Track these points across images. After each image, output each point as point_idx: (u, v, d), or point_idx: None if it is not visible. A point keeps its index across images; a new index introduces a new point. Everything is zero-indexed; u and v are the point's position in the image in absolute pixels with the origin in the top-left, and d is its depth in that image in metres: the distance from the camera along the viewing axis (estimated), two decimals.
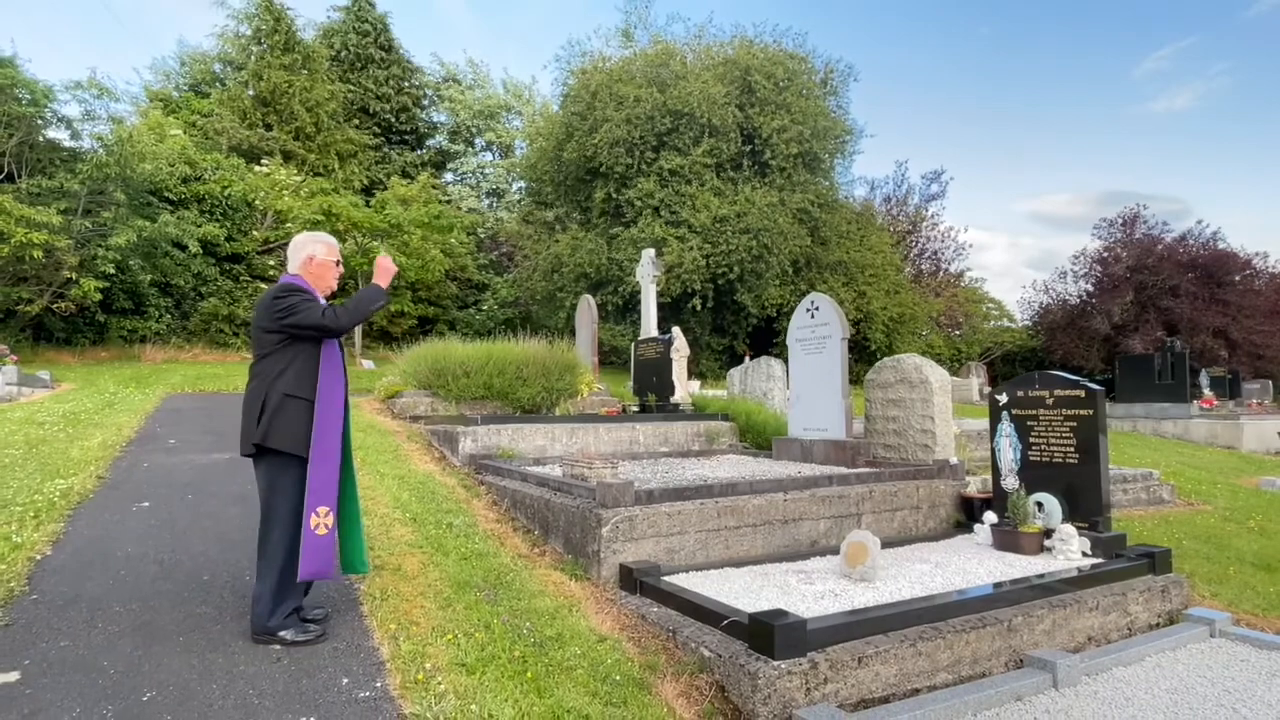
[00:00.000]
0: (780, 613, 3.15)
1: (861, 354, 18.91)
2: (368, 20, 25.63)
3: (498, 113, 27.56)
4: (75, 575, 3.95)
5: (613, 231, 16.79)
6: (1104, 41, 78.74)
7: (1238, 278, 28.46)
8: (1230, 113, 77.93)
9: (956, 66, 78.36)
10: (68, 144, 14.54)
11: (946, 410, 6.59)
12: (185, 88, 22.10)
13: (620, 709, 2.95)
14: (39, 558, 4.14)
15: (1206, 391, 19.14)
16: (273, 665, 3.07)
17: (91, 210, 13.53)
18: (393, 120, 25.78)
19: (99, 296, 13.34)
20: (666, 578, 4.08)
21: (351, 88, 24.29)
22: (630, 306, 16.58)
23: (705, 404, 9.37)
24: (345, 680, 3.01)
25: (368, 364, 15.03)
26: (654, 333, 11.01)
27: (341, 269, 3.66)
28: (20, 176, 13.49)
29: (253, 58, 20.60)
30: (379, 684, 3.01)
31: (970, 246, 38.96)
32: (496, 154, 27.39)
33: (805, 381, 7.05)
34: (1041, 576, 4.16)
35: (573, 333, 12.96)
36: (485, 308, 21.08)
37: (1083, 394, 4.83)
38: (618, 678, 3.18)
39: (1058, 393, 4.95)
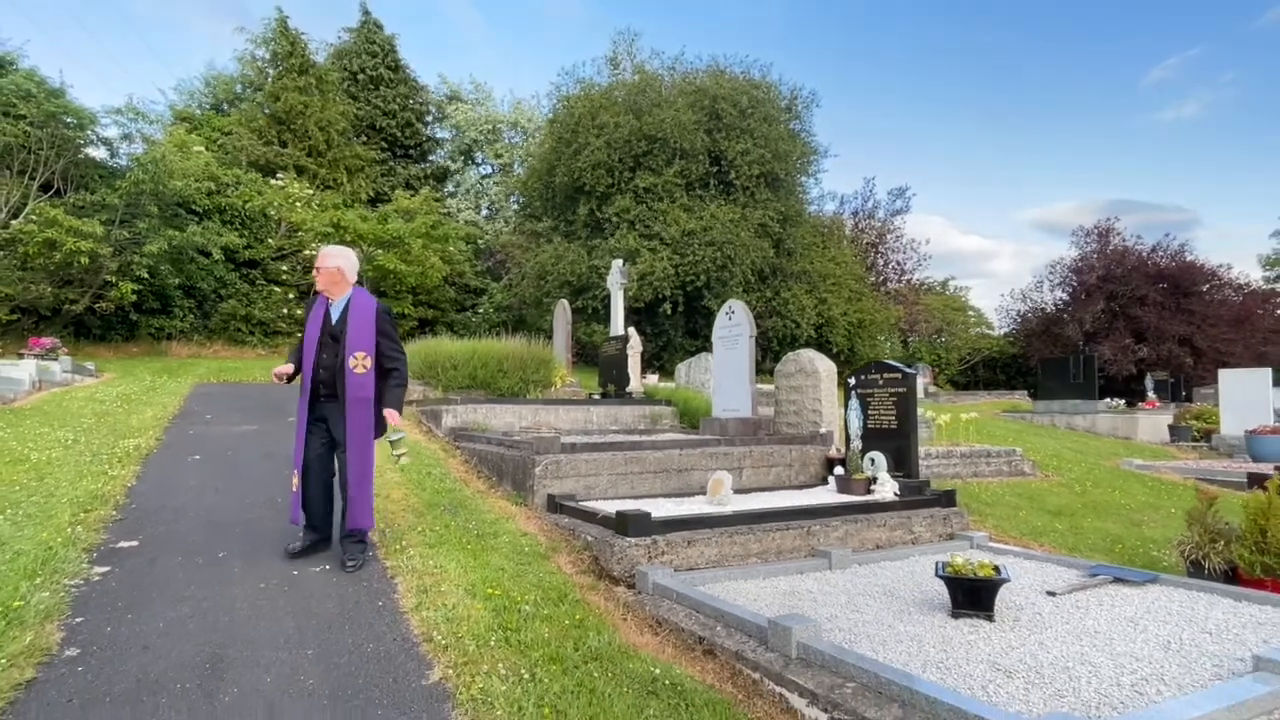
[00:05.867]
0: (635, 510, 4.76)
1: (826, 355, 20.54)
2: (376, 41, 27.41)
3: (499, 129, 29.28)
4: (157, 494, 5.59)
5: (593, 243, 18.48)
6: (1110, 51, 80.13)
7: (1205, 288, 29.85)
8: (1238, 122, 79.22)
9: (960, 77, 79.99)
10: (108, 162, 16.28)
11: (833, 395, 8.19)
12: (207, 107, 23.91)
13: (527, 566, 4.55)
14: (129, 485, 5.79)
15: (1150, 394, 20.66)
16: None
17: (127, 221, 15.22)
18: (398, 135, 27.51)
19: (134, 298, 15.04)
20: (580, 502, 5.68)
21: (361, 105, 26.05)
22: (608, 310, 18.21)
23: (655, 392, 10.98)
24: None
25: None
26: (622, 332, 12.61)
27: (317, 275, 4.47)
28: (66, 192, 15.22)
29: (270, 79, 22.38)
30: (370, 554, 4.62)
31: (930, 258, 40.23)
32: (495, 169, 29.09)
33: (723, 372, 8.66)
34: (843, 504, 5.76)
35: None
36: (481, 311, 22.75)
37: (900, 376, 6.44)
38: (528, 551, 4.80)
39: (886, 375, 6.56)
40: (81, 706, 2.75)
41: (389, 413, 4.44)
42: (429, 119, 29.31)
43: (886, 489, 6.18)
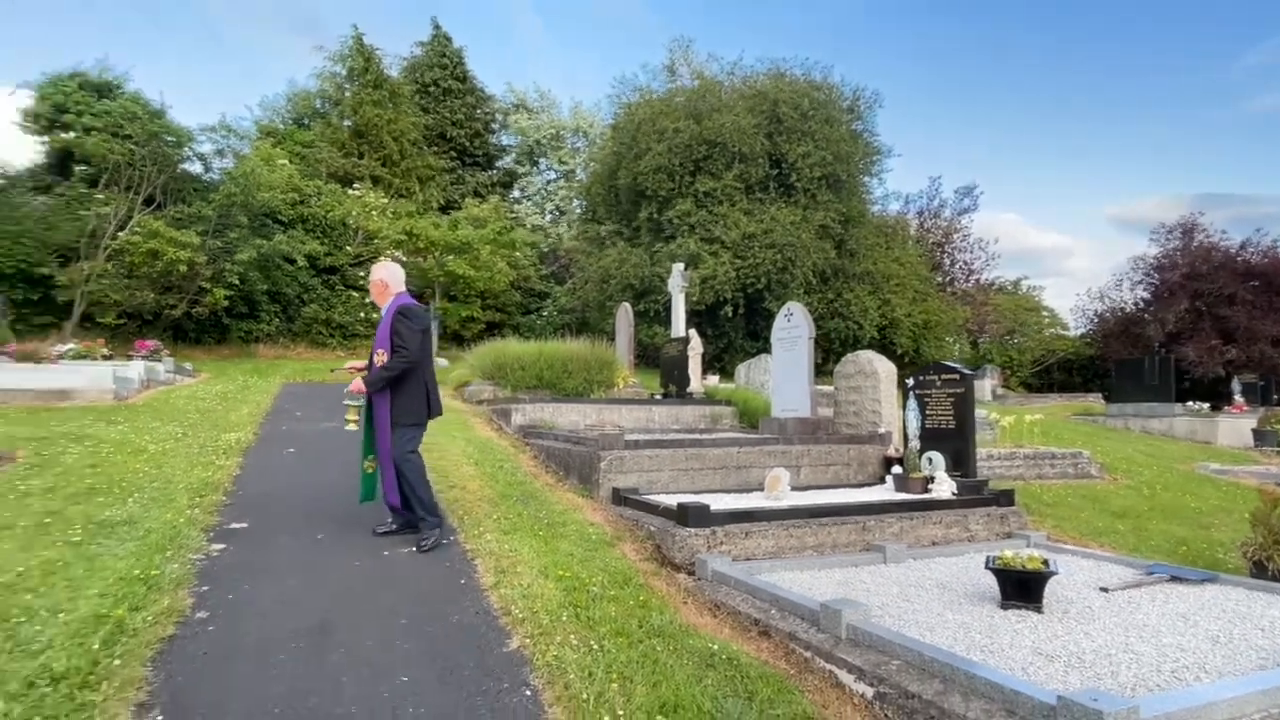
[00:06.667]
0: (696, 502, 5.03)
1: (889, 358, 20.40)
2: (446, 54, 28.45)
3: (562, 135, 29.95)
4: (259, 482, 6.15)
5: (655, 247, 18.83)
6: (1196, 37, 75.89)
7: None
8: None
9: (1034, 70, 77.32)
10: (203, 176, 17.46)
11: (891, 395, 8.28)
12: (290, 121, 25.26)
13: (594, 552, 4.88)
14: (235, 474, 6.37)
15: (1237, 397, 19.74)
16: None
17: (220, 231, 16.29)
18: (467, 144, 28.46)
19: (225, 303, 16.10)
20: (642, 495, 5.98)
21: (432, 116, 27.08)
22: (670, 312, 18.54)
23: (715, 393, 11.21)
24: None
25: (443, 362, 17.41)
26: (683, 334, 12.89)
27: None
28: (166, 205, 16.40)
29: (347, 94, 23.52)
30: (449, 538, 5.02)
31: (999, 257, 38.26)
32: (559, 174, 29.78)
33: (782, 373, 8.84)
34: (900, 502, 5.89)
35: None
36: (545, 314, 23.37)
37: (958, 377, 6.52)
38: (595, 539, 5.12)
39: (944, 377, 6.65)
40: (216, 659, 3.19)
41: (354, 382, 4.85)
42: (495, 127, 30.22)
43: (943, 488, 6.28)
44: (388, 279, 5.06)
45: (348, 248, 19.86)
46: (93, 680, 2.87)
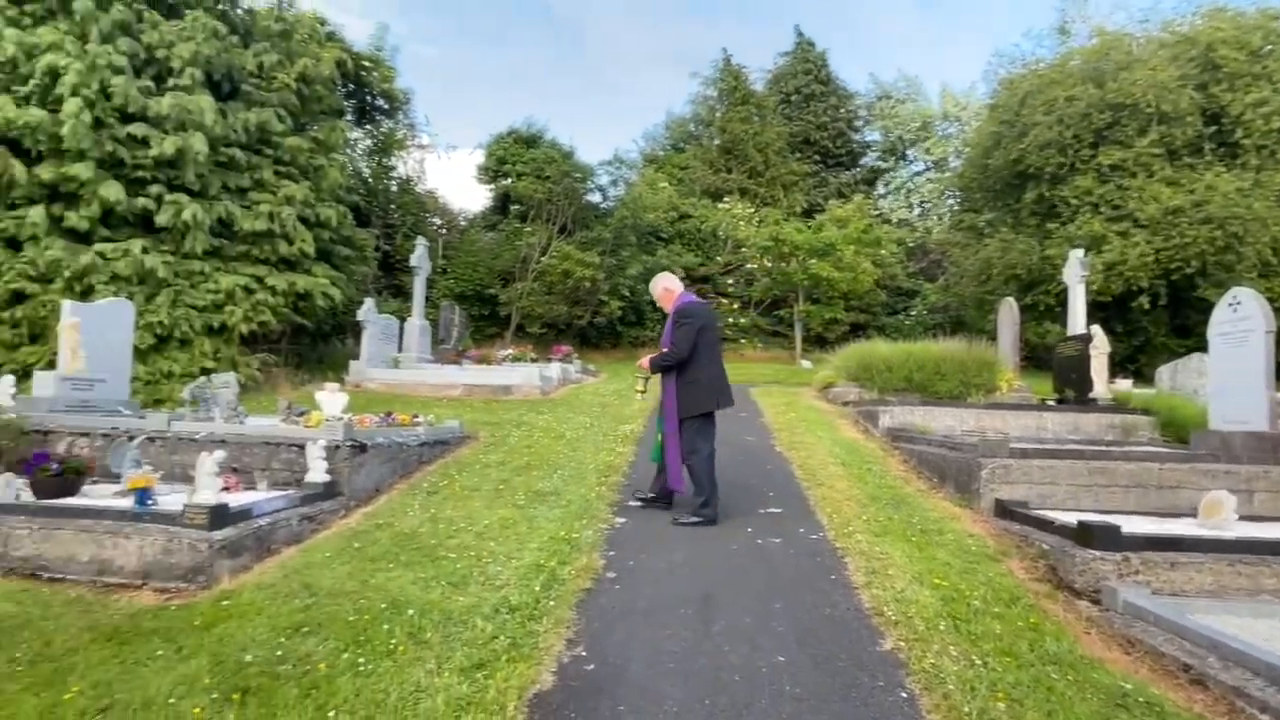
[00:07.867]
0: (1102, 521, 4.37)
1: None
2: (809, 59, 28.81)
3: (930, 124, 28.25)
4: (647, 468, 6.90)
5: (1046, 229, 16.63)
6: None
7: None
8: None
9: None
10: (600, 205, 20.30)
11: None
12: (668, 147, 27.99)
13: (974, 565, 4.54)
14: (630, 460, 7.29)
15: None
16: (761, 519, 5.40)
17: (614, 250, 18.74)
18: (830, 146, 28.44)
19: (619, 313, 18.45)
20: (1033, 510, 5.37)
21: (795, 123, 27.65)
22: (1064, 306, 16.17)
23: (1127, 399, 9.50)
24: (801, 530, 5.18)
25: (806, 363, 17.67)
26: (1082, 331, 11.22)
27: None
28: (574, 231, 19.39)
29: (717, 115, 25.24)
30: (818, 534, 5.11)
31: None
32: (928, 165, 28.10)
33: (1226, 374, 7.16)
34: None
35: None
36: (914, 313, 22.24)
37: None
38: (975, 552, 4.76)
39: None
40: (619, 614, 3.70)
41: (643, 359, 5.68)
42: (858, 124, 29.67)
43: None
44: (670, 286, 5.76)
45: (718, 257, 21.28)
46: (536, 614, 3.56)
